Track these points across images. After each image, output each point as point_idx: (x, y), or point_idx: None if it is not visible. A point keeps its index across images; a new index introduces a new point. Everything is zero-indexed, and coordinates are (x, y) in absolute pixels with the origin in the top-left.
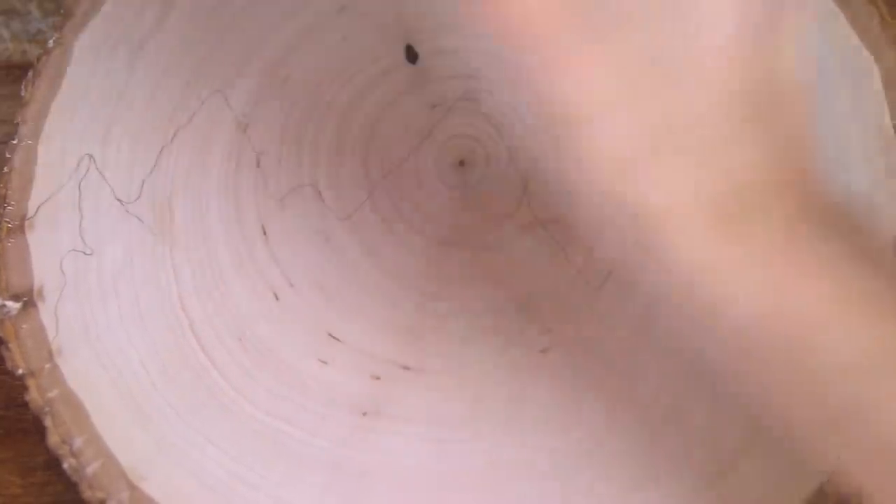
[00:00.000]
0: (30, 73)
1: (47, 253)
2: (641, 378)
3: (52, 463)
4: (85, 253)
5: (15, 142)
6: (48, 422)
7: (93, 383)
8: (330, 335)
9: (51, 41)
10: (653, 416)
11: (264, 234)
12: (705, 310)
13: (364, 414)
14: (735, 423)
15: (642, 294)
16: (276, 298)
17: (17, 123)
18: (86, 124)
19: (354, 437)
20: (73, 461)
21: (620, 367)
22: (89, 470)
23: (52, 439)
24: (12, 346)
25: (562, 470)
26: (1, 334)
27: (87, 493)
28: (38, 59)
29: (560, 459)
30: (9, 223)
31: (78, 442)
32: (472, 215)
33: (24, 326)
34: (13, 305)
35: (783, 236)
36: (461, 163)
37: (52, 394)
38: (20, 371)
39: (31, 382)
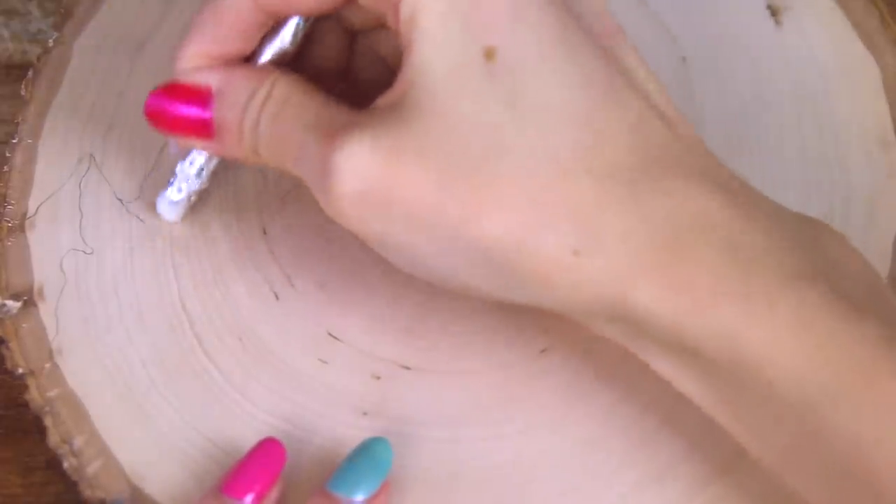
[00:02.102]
0: (30, 73)
1: (47, 252)
2: (641, 378)
3: (52, 463)
4: (85, 252)
5: (15, 141)
6: (48, 421)
7: (93, 383)
8: (330, 334)
9: (51, 41)
10: (653, 415)
11: (265, 232)
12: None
13: (364, 414)
14: None
15: None
16: (277, 298)
17: (18, 123)
18: (86, 124)
19: (354, 437)
20: (73, 461)
21: (620, 367)
22: (89, 470)
23: (52, 439)
24: (12, 345)
25: (561, 470)
26: (1, 334)
27: (87, 493)
28: (38, 59)
29: (560, 460)
30: (9, 222)
31: (78, 441)
32: None
33: (24, 326)
34: (13, 305)
35: None
36: None
37: (52, 393)
38: (20, 371)
39: (31, 382)
